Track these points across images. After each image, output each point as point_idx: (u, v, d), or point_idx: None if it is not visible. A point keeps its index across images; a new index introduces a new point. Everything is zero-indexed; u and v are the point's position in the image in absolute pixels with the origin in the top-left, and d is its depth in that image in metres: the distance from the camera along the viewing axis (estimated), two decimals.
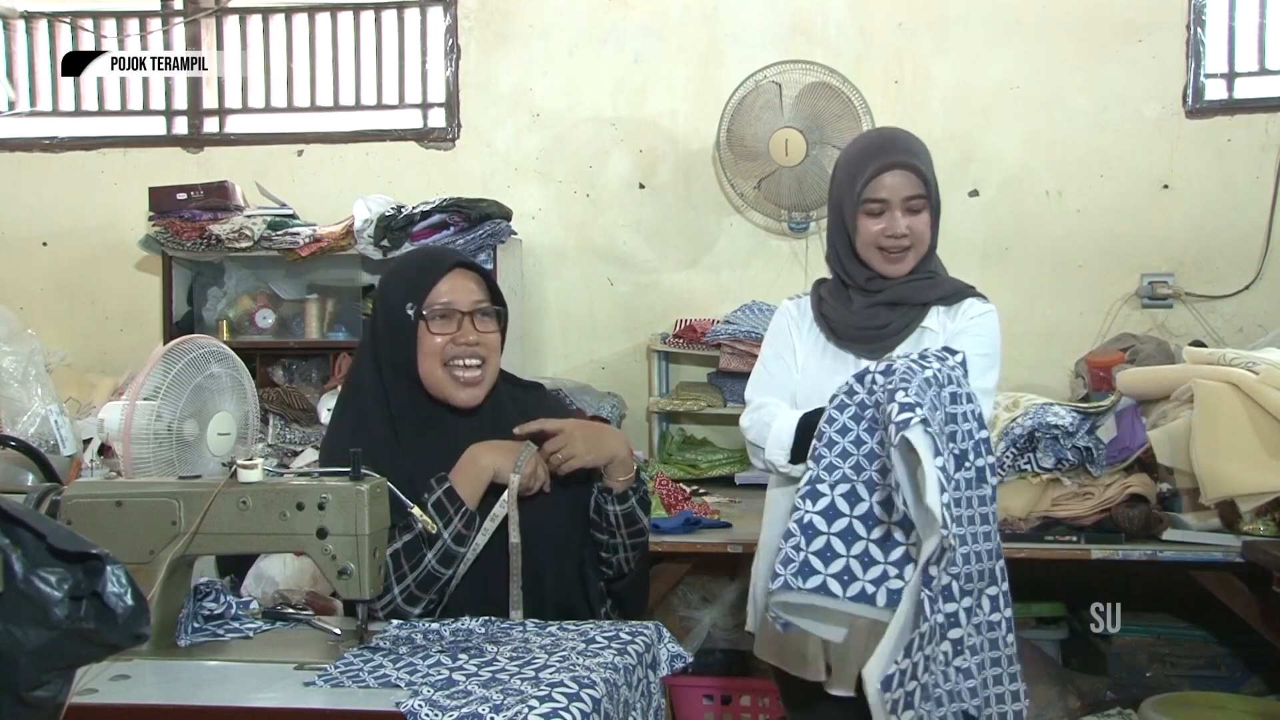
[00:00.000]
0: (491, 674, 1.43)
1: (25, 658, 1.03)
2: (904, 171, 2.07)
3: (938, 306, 2.10)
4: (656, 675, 1.65)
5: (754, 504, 3.34)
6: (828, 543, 1.63)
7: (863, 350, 2.09)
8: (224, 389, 2.57)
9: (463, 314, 1.89)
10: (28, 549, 1.04)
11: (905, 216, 2.07)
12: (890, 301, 2.10)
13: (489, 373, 1.92)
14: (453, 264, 1.93)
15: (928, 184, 2.08)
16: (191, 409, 2.50)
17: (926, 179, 2.08)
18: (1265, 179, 3.70)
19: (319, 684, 1.45)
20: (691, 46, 3.98)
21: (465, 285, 1.91)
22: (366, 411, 1.93)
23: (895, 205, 2.07)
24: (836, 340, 2.13)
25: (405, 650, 1.56)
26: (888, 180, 2.07)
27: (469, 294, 1.91)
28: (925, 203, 2.08)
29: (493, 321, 1.93)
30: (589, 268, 4.04)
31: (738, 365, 3.65)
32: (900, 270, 2.10)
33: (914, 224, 2.08)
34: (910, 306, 2.10)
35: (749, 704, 3.14)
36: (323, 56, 4.21)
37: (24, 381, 3.53)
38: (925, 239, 2.09)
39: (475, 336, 1.89)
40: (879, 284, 2.11)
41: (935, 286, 2.11)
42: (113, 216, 4.20)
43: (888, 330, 2.09)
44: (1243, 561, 2.61)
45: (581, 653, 1.52)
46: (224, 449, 2.57)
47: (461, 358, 1.88)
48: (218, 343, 2.65)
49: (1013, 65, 3.78)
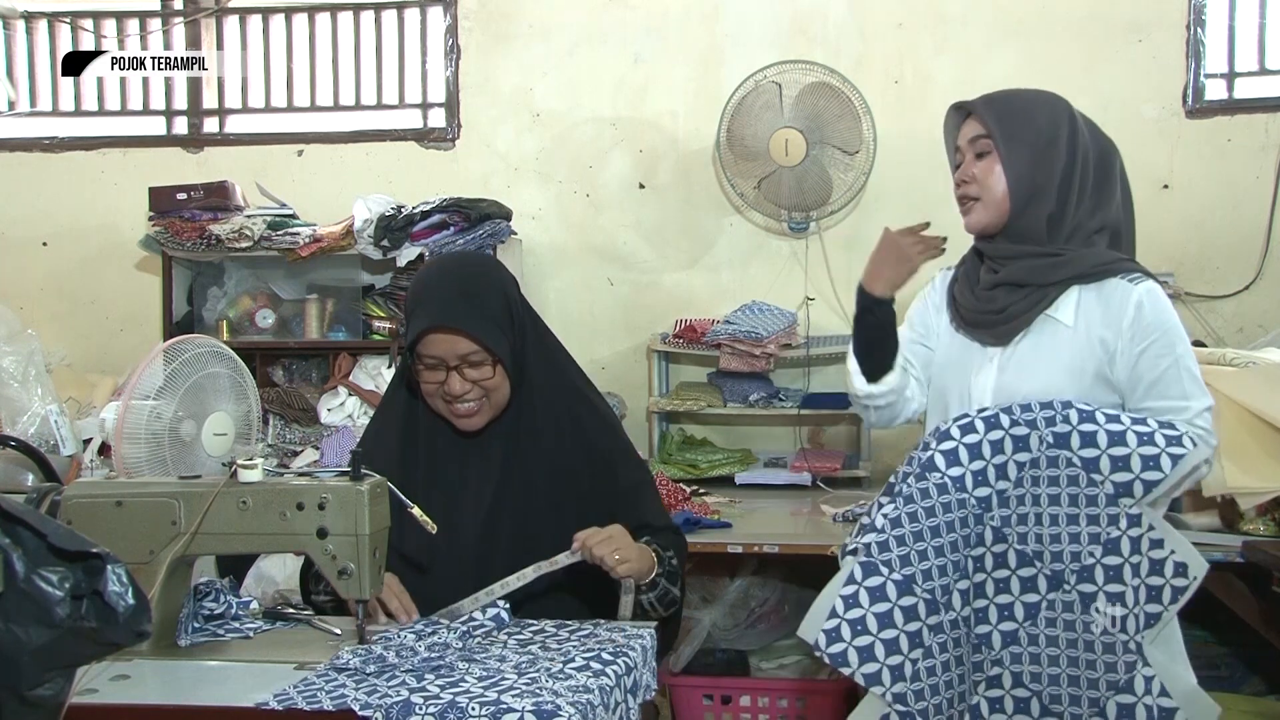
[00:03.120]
0: (452, 698, 1.38)
1: (27, 657, 1.03)
2: (971, 119, 1.93)
3: (1077, 287, 1.87)
4: (636, 700, 1.61)
5: (754, 504, 3.36)
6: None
7: (986, 337, 1.93)
8: (221, 389, 2.57)
9: (450, 367, 1.87)
10: (29, 548, 1.05)
11: (973, 163, 1.91)
12: (1013, 282, 1.89)
13: (491, 404, 1.91)
14: (424, 328, 1.86)
15: (990, 128, 1.88)
16: (188, 409, 2.49)
17: (986, 120, 1.89)
18: (1265, 179, 3.71)
19: (272, 704, 1.39)
20: (691, 46, 3.98)
21: (448, 340, 1.85)
22: (389, 423, 1.99)
23: (965, 151, 1.93)
24: (963, 326, 1.97)
25: (374, 669, 1.51)
26: (963, 128, 1.95)
27: (453, 349, 1.85)
28: (990, 145, 1.88)
29: (487, 368, 1.87)
30: (589, 268, 4.04)
31: (738, 365, 3.66)
32: (971, 224, 1.93)
33: (979, 170, 1.90)
34: (1035, 288, 1.87)
35: (749, 704, 3.14)
36: (323, 56, 4.21)
37: (24, 381, 3.53)
38: (992, 189, 1.88)
39: (461, 388, 1.87)
40: (1002, 260, 1.91)
41: (1065, 264, 1.86)
42: (113, 216, 4.20)
43: (1006, 314, 1.89)
44: (1243, 561, 2.61)
45: (554, 675, 1.48)
46: (221, 449, 2.56)
47: (454, 403, 1.89)
48: (217, 342, 2.65)
49: (1013, 65, 3.78)
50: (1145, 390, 1.83)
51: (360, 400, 3.73)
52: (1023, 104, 1.92)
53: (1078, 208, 1.88)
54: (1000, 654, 1.74)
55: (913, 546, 1.73)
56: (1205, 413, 1.81)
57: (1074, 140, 1.89)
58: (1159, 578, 1.69)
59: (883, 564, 1.74)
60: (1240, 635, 3.03)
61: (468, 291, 1.90)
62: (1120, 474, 1.70)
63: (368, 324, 3.80)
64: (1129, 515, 1.70)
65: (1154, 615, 1.69)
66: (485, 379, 1.88)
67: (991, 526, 1.75)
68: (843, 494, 3.45)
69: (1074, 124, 1.90)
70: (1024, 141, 1.87)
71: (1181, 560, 1.69)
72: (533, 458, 1.94)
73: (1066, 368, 1.86)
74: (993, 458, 1.76)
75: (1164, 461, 1.70)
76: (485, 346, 1.86)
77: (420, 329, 1.86)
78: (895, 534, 1.74)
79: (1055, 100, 1.95)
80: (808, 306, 3.87)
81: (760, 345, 3.61)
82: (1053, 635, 1.72)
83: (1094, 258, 1.87)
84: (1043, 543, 1.73)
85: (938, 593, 1.73)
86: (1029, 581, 1.73)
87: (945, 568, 1.73)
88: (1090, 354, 1.85)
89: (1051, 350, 1.88)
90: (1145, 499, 1.71)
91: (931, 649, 1.72)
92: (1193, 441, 1.72)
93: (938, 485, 1.74)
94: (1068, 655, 1.71)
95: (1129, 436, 1.71)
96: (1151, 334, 1.82)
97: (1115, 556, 1.70)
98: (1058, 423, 1.74)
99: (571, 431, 1.97)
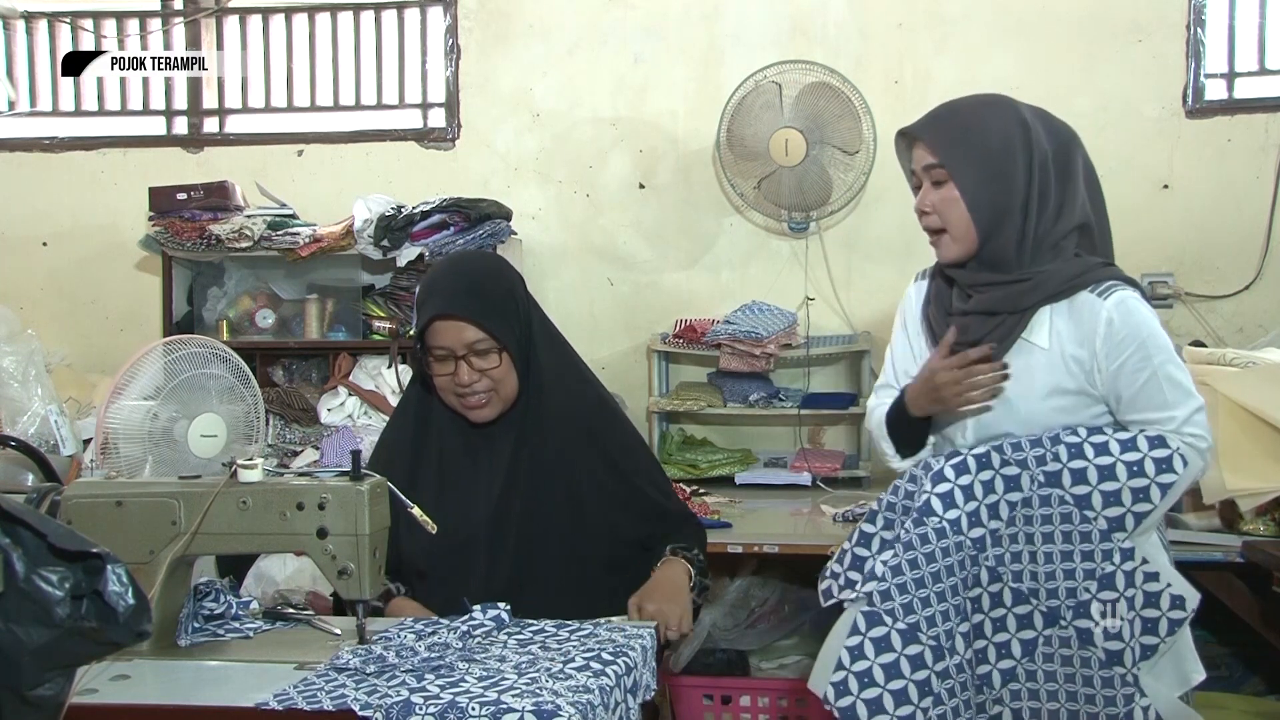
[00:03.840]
0: (452, 698, 1.39)
1: (27, 656, 1.03)
2: (919, 145, 1.85)
3: (1048, 307, 1.82)
4: (636, 700, 1.61)
5: (754, 504, 3.36)
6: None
7: None
8: (212, 390, 2.55)
9: (458, 357, 1.91)
10: (29, 548, 1.05)
11: (931, 191, 1.83)
12: (985, 311, 1.83)
13: (501, 395, 1.94)
14: (432, 315, 1.91)
15: (940, 155, 1.80)
16: (178, 410, 2.48)
17: (936, 149, 1.80)
18: (1265, 179, 3.70)
19: (272, 704, 1.40)
20: (691, 46, 3.98)
21: (455, 328, 1.90)
22: (405, 419, 2.04)
23: (921, 177, 1.85)
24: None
25: (374, 669, 1.51)
26: (915, 154, 1.86)
27: (460, 337, 1.90)
28: (945, 175, 1.80)
29: (494, 357, 1.92)
30: (589, 268, 4.04)
31: (738, 365, 3.66)
32: (943, 257, 1.86)
33: (936, 200, 1.82)
34: (1008, 315, 1.81)
35: (749, 704, 3.14)
36: (323, 56, 4.21)
37: (24, 381, 3.54)
38: (956, 222, 1.81)
39: (469, 378, 1.91)
40: (972, 287, 1.85)
41: (1033, 289, 1.80)
42: (113, 216, 4.20)
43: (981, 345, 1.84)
44: (1243, 561, 2.61)
45: (554, 675, 1.48)
46: (210, 451, 2.54)
47: (464, 394, 1.93)
48: (215, 342, 2.64)
49: (1013, 65, 3.78)
50: (1128, 405, 1.81)
51: (360, 400, 3.73)
52: (969, 121, 1.83)
53: (1041, 218, 1.81)
54: (1000, 692, 1.74)
55: (915, 594, 1.72)
56: (1195, 416, 1.78)
57: (1029, 148, 1.80)
58: (1154, 610, 1.70)
59: (886, 613, 1.73)
60: (1240, 635, 3.03)
61: (474, 284, 1.95)
62: (1112, 509, 1.71)
63: (368, 324, 3.80)
64: (1122, 550, 1.71)
65: (1150, 647, 1.69)
66: (493, 368, 1.91)
67: (986, 566, 1.75)
68: (843, 494, 3.45)
69: (1026, 129, 1.82)
70: (978, 165, 1.80)
71: (1178, 594, 1.70)
72: (541, 452, 1.97)
73: (1046, 390, 1.83)
74: (984, 498, 1.76)
75: (1153, 493, 1.70)
76: (491, 334, 1.90)
77: (428, 318, 1.91)
78: (897, 582, 1.73)
79: (1003, 106, 1.86)
80: (808, 306, 3.87)
81: (760, 345, 3.61)
82: (1050, 671, 1.72)
83: (1061, 274, 1.81)
84: (1038, 580, 1.73)
85: (942, 638, 1.73)
86: (1025, 619, 1.74)
87: (948, 612, 1.73)
88: (1067, 373, 1.82)
89: (1028, 375, 1.84)
90: (1137, 530, 1.71)
91: (941, 695, 1.71)
92: (1183, 461, 1.71)
93: (936, 530, 1.74)
94: (1066, 690, 1.72)
95: (1119, 469, 1.71)
96: (1125, 349, 1.78)
97: (1110, 591, 1.70)
98: (1048, 461, 1.74)
99: (580, 426, 2.00)
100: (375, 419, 3.68)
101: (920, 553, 1.73)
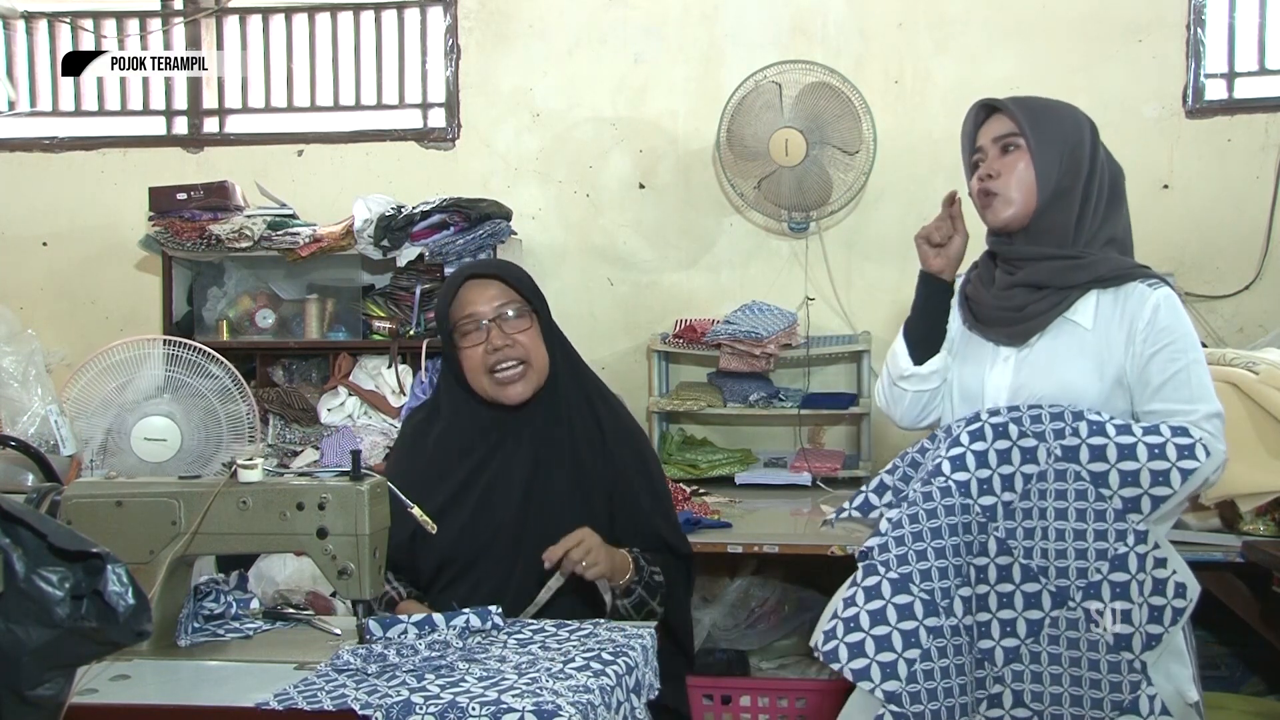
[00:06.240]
0: (452, 698, 1.39)
1: (27, 656, 1.03)
2: (997, 116, 1.95)
3: (1096, 291, 1.89)
4: (641, 700, 1.62)
5: (754, 504, 3.36)
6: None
7: (1000, 335, 1.93)
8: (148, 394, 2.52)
9: (489, 321, 1.94)
10: (29, 548, 1.05)
11: (999, 158, 1.92)
12: (1032, 283, 1.90)
13: (533, 370, 1.96)
14: (465, 276, 1.98)
15: (1021, 125, 1.90)
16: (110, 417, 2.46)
17: (1017, 117, 1.90)
18: (1265, 179, 3.71)
19: (272, 704, 1.40)
20: (691, 46, 3.98)
21: (483, 293, 1.95)
22: (426, 431, 2.05)
23: (988, 148, 1.94)
24: (977, 324, 1.97)
25: (375, 669, 1.51)
26: (984, 127, 1.96)
27: (489, 300, 1.95)
28: (1020, 142, 1.90)
29: (525, 320, 1.95)
30: (589, 268, 4.04)
31: (738, 365, 3.65)
32: (993, 218, 1.93)
33: (1005, 165, 1.91)
34: (1055, 290, 1.88)
35: (749, 704, 3.14)
36: (323, 56, 4.21)
37: (24, 381, 3.53)
38: (1021, 183, 1.89)
39: (502, 340, 1.93)
40: (1020, 261, 1.93)
41: (1085, 268, 1.88)
42: (113, 216, 4.20)
43: (1025, 314, 1.90)
44: (1243, 561, 2.61)
45: (554, 675, 1.48)
46: (157, 455, 2.52)
47: (499, 363, 1.93)
48: (200, 345, 2.61)
49: (1013, 65, 3.78)
50: (1153, 392, 1.83)
51: (360, 400, 3.73)
52: (1051, 108, 1.96)
53: (1095, 211, 1.91)
54: (1002, 671, 1.73)
55: (911, 546, 1.73)
56: (1214, 419, 1.80)
57: (1096, 149, 1.93)
58: (1161, 598, 1.68)
59: (881, 564, 1.74)
60: (1240, 635, 3.03)
61: (498, 261, 2.14)
62: (1129, 489, 1.69)
63: (368, 324, 3.80)
64: (1136, 531, 1.69)
65: (1155, 636, 1.68)
66: (523, 330, 1.94)
67: (996, 537, 1.74)
68: (843, 494, 3.44)
69: (1096, 135, 1.95)
70: (1053, 142, 1.90)
71: (1182, 581, 1.69)
72: (560, 449, 1.99)
73: (1084, 371, 1.86)
74: (999, 467, 1.75)
75: (1174, 477, 1.69)
76: (519, 292, 1.96)
77: (455, 290, 1.97)
78: (895, 535, 1.74)
79: (1079, 113, 1.99)
80: (808, 306, 3.87)
81: (760, 345, 3.61)
82: (1055, 653, 1.71)
83: (1114, 263, 1.89)
84: (1048, 558, 1.72)
85: (937, 594, 1.72)
86: (1033, 598, 1.72)
87: (946, 570, 1.73)
88: (1109, 358, 1.86)
89: (1069, 353, 1.87)
90: (1152, 515, 1.70)
91: (930, 652, 1.71)
92: (1206, 451, 1.71)
93: (941, 489, 1.74)
94: (1070, 674, 1.70)
95: (1139, 450, 1.70)
96: (1165, 338, 1.84)
97: (1122, 573, 1.69)
98: (1067, 435, 1.73)
99: (593, 433, 2.04)
100: (375, 419, 3.68)
101: (922, 508, 1.73)
